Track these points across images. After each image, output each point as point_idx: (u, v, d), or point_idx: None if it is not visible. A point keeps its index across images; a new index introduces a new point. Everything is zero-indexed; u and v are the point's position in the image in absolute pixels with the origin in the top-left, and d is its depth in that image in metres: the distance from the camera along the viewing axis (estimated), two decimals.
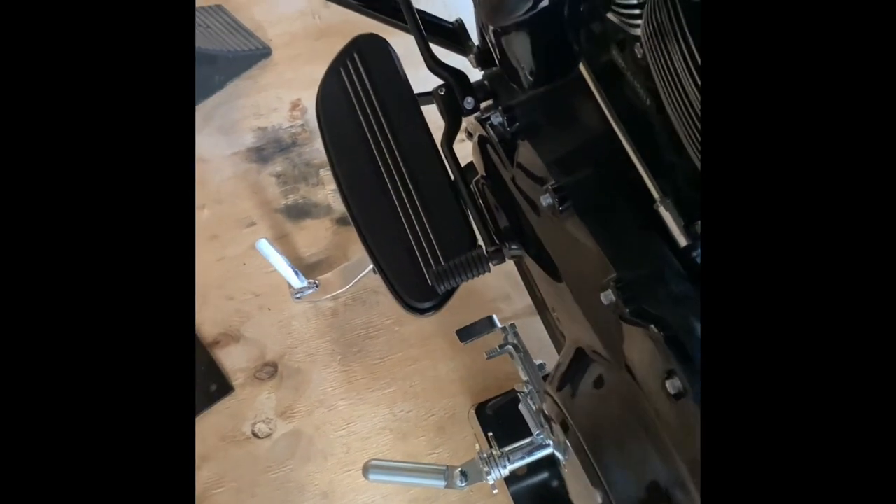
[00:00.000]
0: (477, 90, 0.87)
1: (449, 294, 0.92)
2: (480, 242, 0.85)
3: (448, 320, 1.20)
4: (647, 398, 0.58)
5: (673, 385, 0.54)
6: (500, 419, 1.09)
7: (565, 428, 0.67)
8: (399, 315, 1.21)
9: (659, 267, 0.64)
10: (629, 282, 0.63)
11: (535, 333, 1.12)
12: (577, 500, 0.80)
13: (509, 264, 1.27)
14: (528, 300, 1.23)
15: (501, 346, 0.98)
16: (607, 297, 0.63)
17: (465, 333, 1.00)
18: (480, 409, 1.13)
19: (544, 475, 1.10)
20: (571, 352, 0.71)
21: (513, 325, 0.99)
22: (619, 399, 0.62)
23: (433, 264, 0.86)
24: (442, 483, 0.95)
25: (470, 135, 1.01)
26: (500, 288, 1.23)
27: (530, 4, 0.57)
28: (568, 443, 0.67)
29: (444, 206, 0.88)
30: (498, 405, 1.12)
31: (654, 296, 0.62)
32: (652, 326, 0.57)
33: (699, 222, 0.64)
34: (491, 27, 0.79)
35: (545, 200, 0.71)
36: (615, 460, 0.61)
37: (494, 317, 1.01)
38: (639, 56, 0.68)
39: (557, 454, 0.88)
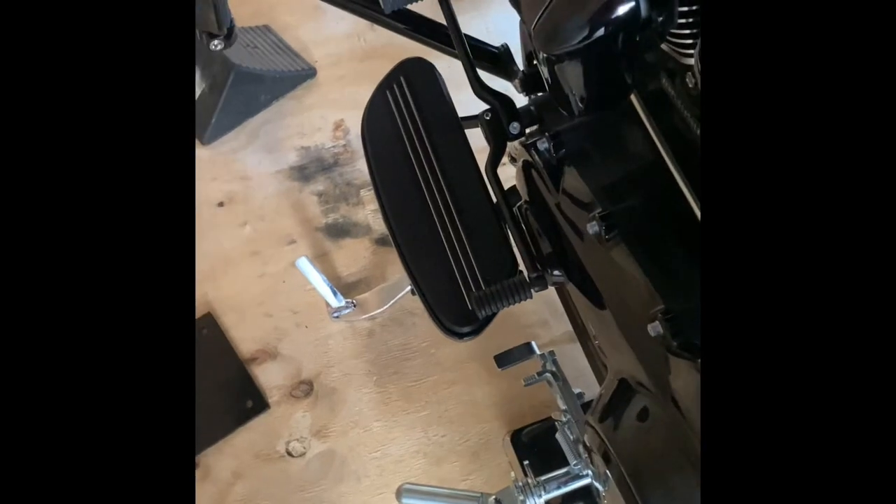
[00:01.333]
0: (523, 116, 0.86)
1: (489, 319, 0.92)
2: (522, 268, 0.84)
3: (485, 345, 1.19)
4: (693, 433, 0.56)
5: None
6: (536, 447, 1.08)
7: (607, 459, 0.66)
8: (436, 338, 1.20)
9: None
10: (677, 314, 0.61)
11: (573, 362, 1.10)
12: None
13: (549, 290, 1.27)
14: (567, 327, 1.22)
15: (539, 374, 0.97)
16: (655, 328, 0.61)
17: (503, 359, 0.98)
18: (516, 436, 1.11)
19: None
20: (615, 383, 0.70)
21: (552, 353, 0.97)
22: (664, 433, 0.61)
23: (474, 289, 0.85)
24: None
25: (513, 159, 1.01)
26: (538, 313, 1.22)
27: (586, 33, 0.57)
28: (609, 475, 0.65)
29: (487, 229, 0.88)
30: (534, 433, 1.10)
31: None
32: (700, 360, 0.56)
33: None
34: (543, 54, 0.79)
35: (591, 228, 0.70)
36: (659, 495, 0.60)
37: (533, 343, 1.00)
38: (690, 85, 0.67)
39: (596, 485, 0.86)
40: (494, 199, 0.88)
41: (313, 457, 1.12)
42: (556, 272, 0.83)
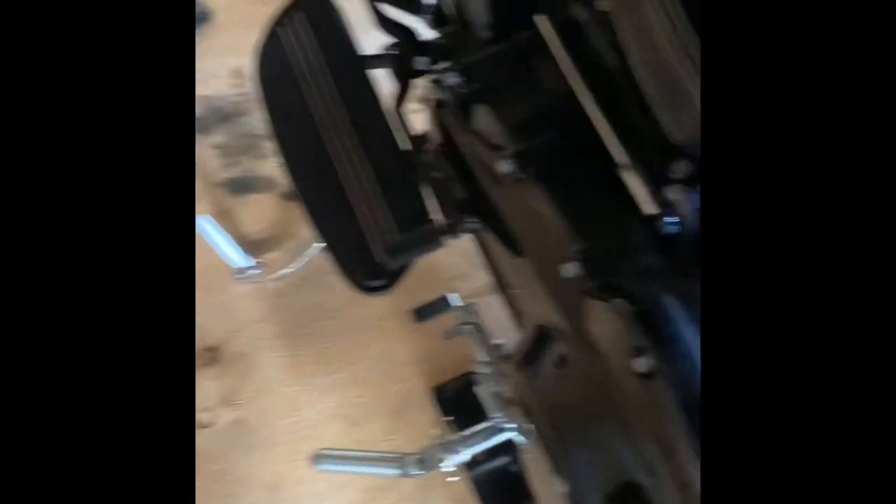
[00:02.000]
0: (430, 50, 0.80)
1: (401, 271, 0.86)
2: (435, 215, 0.79)
3: (402, 300, 1.14)
4: (612, 378, 0.53)
5: (641, 364, 0.50)
6: (459, 403, 1.04)
7: (527, 410, 0.62)
8: (350, 296, 1.13)
9: (625, 237, 0.60)
10: (593, 253, 0.58)
11: (494, 313, 1.07)
12: (543, 483, 0.76)
13: (468, 241, 1.22)
14: (486, 278, 1.18)
15: (460, 326, 0.93)
16: (570, 269, 0.58)
17: (422, 313, 0.94)
18: (438, 393, 1.08)
19: (505, 459, 1.06)
20: (532, 330, 0.66)
21: (472, 304, 0.93)
22: (583, 379, 0.57)
23: (384, 239, 0.80)
24: (397, 471, 0.89)
25: (422, 101, 0.95)
26: (457, 266, 1.18)
27: None
28: (528, 424, 0.62)
29: (395, 176, 0.82)
30: (457, 388, 1.07)
31: (621, 268, 0.58)
32: (618, 301, 0.52)
33: (669, 188, 0.59)
34: None
35: (504, 168, 0.66)
36: (579, 445, 0.57)
37: (451, 295, 0.95)
38: (603, 10, 0.62)
39: (518, 439, 0.83)
40: (403, 144, 0.82)
41: (222, 426, 1.06)
42: (470, 219, 0.78)
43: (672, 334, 0.49)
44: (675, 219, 0.62)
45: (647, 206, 0.60)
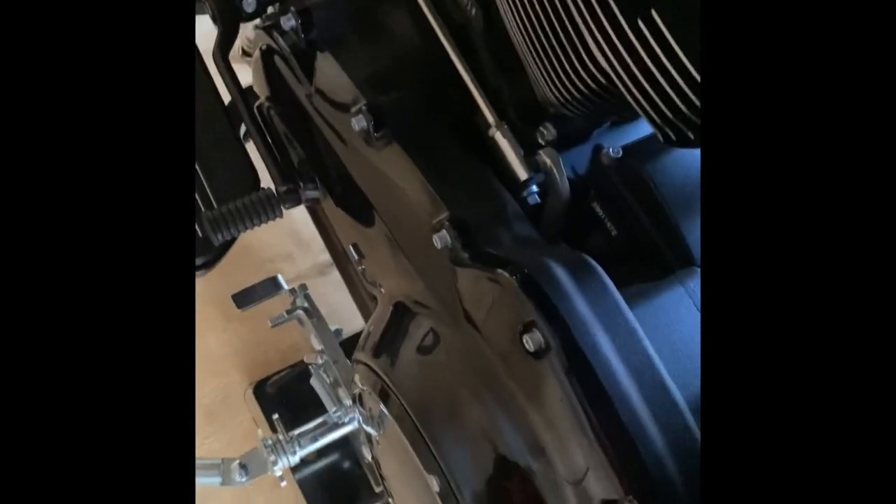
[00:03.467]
0: None
1: (225, 248, 0.74)
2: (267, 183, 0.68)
3: (218, 284, 1.01)
4: (496, 356, 0.47)
5: (532, 340, 0.44)
6: (285, 398, 0.94)
7: (385, 397, 0.55)
8: None
9: (497, 204, 0.54)
10: (466, 221, 0.51)
11: (324, 297, 0.97)
12: (393, 480, 0.69)
13: (291, 219, 1.11)
14: (314, 260, 1.08)
15: (289, 312, 0.83)
16: (441, 239, 0.51)
17: (243, 298, 0.82)
18: (260, 388, 0.96)
19: (334, 457, 0.97)
20: (389, 309, 0.58)
21: (303, 286, 0.84)
22: (457, 360, 0.51)
23: (205, 209, 0.67)
24: (217, 480, 0.77)
25: (247, 53, 0.83)
26: (280, 246, 1.07)
27: None
28: (389, 415, 0.54)
29: (218, 137, 0.70)
30: (281, 382, 0.96)
31: (497, 237, 0.52)
32: (501, 271, 0.47)
33: (541, 151, 0.55)
34: None
35: (357, 124, 0.57)
36: (454, 434, 0.50)
37: (279, 277, 0.85)
38: None
39: (367, 431, 0.76)
40: (228, 98, 0.70)
41: None
42: (310, 186, 0.69)
43: (564, 307, 0.44)
44: (535, 188, 0.58)
45: (519, 171, 0.55)
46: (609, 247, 0.57)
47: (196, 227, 0.67)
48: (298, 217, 1.09)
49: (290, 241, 1.06)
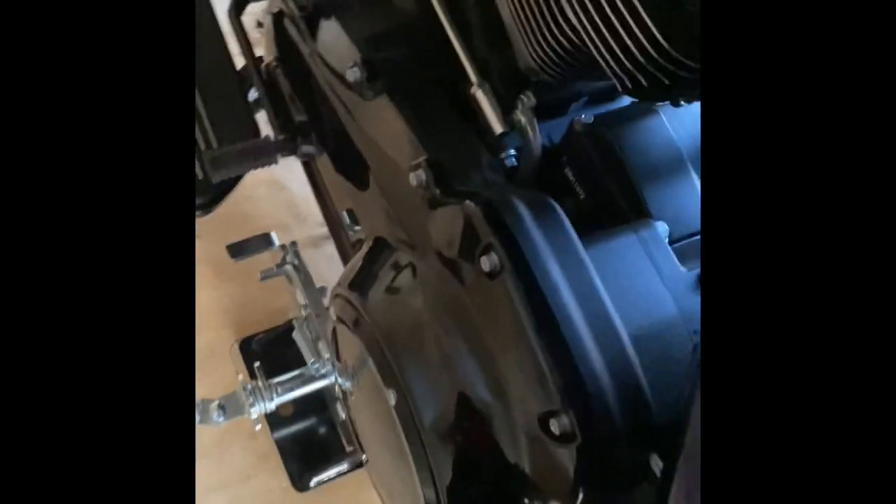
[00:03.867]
0: None
1: (224, 191, 0.79)
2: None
3: (212, 246, 1.05)
4: (456, 280, 0.52)
5: (489, 261, 0.48)
6: (269, 356, 0.97)
7: (357, 326, 0.59)
8: None
9: (473, 152, 0.59)
10: (441, 163, 0.56)
11: (314, 266, 1.01)
12: (364, 432, 0.72)
13: (289, 192, 1.16)
14: (310, 232, 1.13)
15: (279, 266, 0.87)
16: (417, 176, 0.56)
17: (238, 249, 0.86)
18: (245, 345, 1.00)
19: (311, 421, 1.01)
20: (369, 244, 0.63)
21: (294, 244, 0.88)
22: (422, 287, 0.55)
23: (206, 152, 0.72)
24: (196, 417, 0.81)
25: (261, 25, 0.89)
26: (277, 216, 1.11)
27: None
28: (360, 342, 0.58)
29: (224, 87, 0.75)
30: (266, 340, 1.00)
31: (468, 179, 0.57)
32: (468, 202, 0.51)
33: (517, 110, 0.60)
34: None
35: (353, 75, 0.62)
36: (417, 356, 0.54)
37: (273, 234, 0.89)
38: None
39: (341, 384, 0.79)
40: (239, 56, 0.76)
41: None
42: (307, 142, 0.74)
43: (520, 234, 0.48)
44: (513, 152, 0.63)
45: (496, 125, 0.60)
46: (577, 209, 0.61)
47: (197, 166, 0.71)
48: (298, 191, 1.14)
49: (287, 213, 1.11)
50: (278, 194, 1.13)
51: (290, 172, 1.15)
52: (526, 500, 0.51)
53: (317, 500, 0.96)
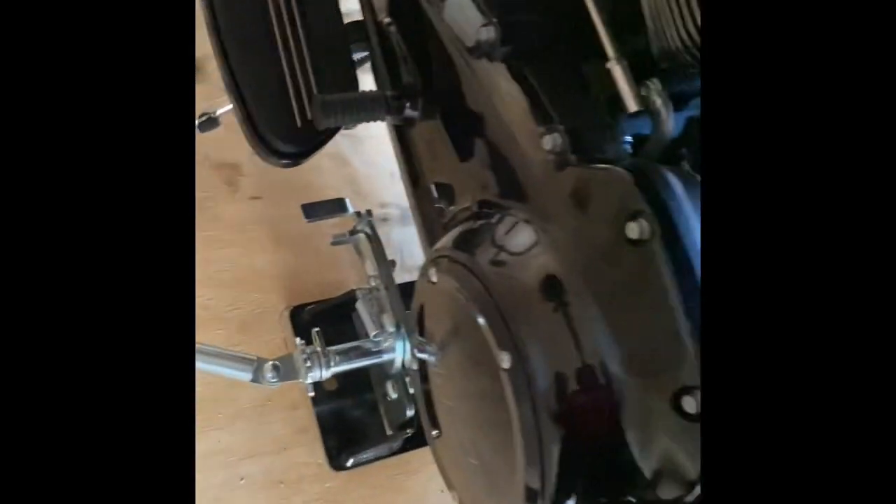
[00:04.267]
0: None
1: (320, 142, 0.78)
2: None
3: (272, 212, 1.04)
4: (591, 244, 0.50)
5: (638, 227, 0.47)
6: (319, 327, 0.95)
7: (467, 287, 0.57)
8: (215, 189, 1.01)
9: (603, 124, 0.58)
10: (578, 129, 0.55)
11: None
12: (448, 406, 0.69)
13: (352, 168, 1.14)
14: (375, 211, 1.11)
15: (352, 233, 0.85)
16: (553, 140, 0.54)
17: (312, 210, 0.84)
18: (296, 313, 0.97)
19: (355, 399, 0.97)
20: (475, 209, 0.61)
21: (369, 212, 0.86)
22: (547, 250, 0.53)
23: (309, 101, 0.71)
24: (248, 375, 0.78)
25: None
26: (339, 191, 1.09)
27: None
28: (472, 302, 0.56)
29: (331, 39, 0.74)
30: (318, 310, 0.97)
31: (601, 150, 0.55)
32: (616, 167, 0.50)
33: (652, 89, 0.58)
34: None
35: (486, 33, 0.61)
36: (535, 319, 0.52)
37: (347, 200, 0.87)
38: None
39: (403, 362, 0.77)
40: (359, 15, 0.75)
41: None
42: (413, 106, 0.72)
43: (672, 201, 0.47)
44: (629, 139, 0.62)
45: (630, 103, 0.59)
46: None
47: (306, 109, 0.70)
48: (360, 168, 1.13)
49: (349, 190, 1.09)
50: (341, 168, 1.11)
51: (354, 149, 1.14)
52: (640, 488, 0.48)
53: (349, 480, 0.92)
